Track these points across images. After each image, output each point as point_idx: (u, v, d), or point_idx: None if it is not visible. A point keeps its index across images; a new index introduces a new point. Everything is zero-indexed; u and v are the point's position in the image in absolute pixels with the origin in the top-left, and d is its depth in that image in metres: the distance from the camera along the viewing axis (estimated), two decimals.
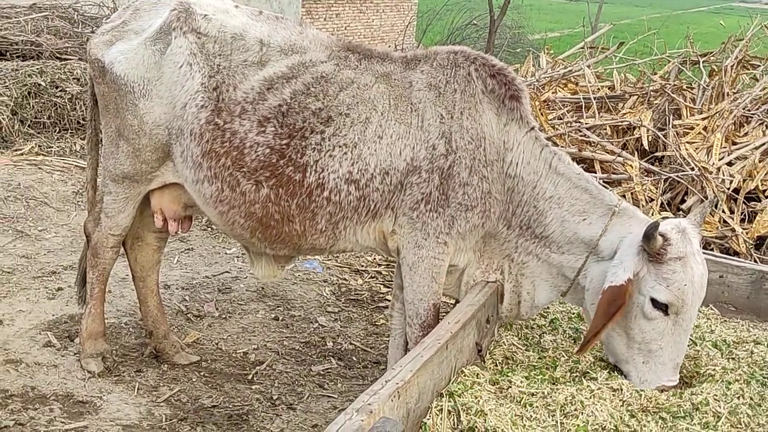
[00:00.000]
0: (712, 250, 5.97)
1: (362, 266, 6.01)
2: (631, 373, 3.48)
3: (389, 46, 21.08)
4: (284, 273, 4.20)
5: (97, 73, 3.94)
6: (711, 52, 7.73)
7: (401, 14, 25.86)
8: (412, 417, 2.97)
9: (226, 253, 5.94)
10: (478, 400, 3.14)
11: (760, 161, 6.35)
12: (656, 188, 6.28)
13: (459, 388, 3.21)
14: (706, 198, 6.12)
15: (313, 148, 3.67)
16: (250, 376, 4.36)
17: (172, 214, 4.13)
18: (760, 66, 7.51)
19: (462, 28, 19.98)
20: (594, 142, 6.74)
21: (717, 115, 6.68)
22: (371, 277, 5.87)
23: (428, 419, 3.06)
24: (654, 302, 3.38)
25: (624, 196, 6.25)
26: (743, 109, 6.78)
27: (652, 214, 5.99)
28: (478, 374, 3.36)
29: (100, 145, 4.27)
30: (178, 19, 3.79)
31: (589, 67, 7.54)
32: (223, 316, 5.02)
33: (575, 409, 3.15)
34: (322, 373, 4.49)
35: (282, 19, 3.98)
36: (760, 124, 6.80)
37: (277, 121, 3.69)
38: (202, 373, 4.33)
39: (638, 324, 3.43)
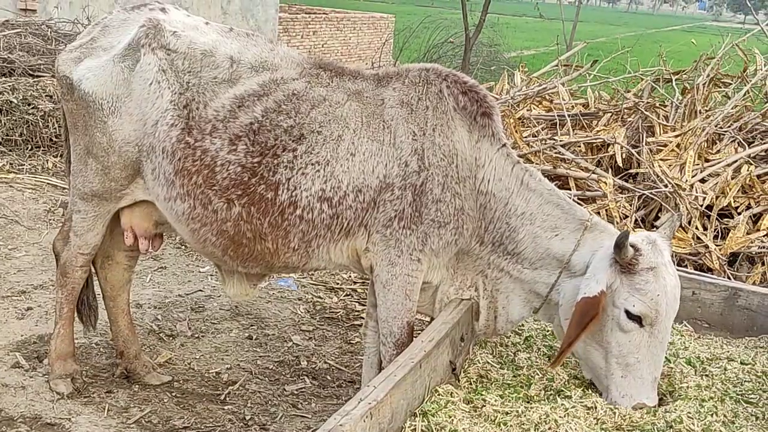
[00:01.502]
0: (685, 266, 5.99)
1: (337, 284, 5.98)
2: (610, 388, 3.46)
3: (366, 64, 21.14)
4: (256, 291, 4.16)
5: (66, 90, 3.90)
6: (683, 70, 7.80)
7: (378, 32, 25.96)
8: None
9: (199, 272, 5.88)
10: (452, 420, 3.11)
11: (732, 178, 6.39)
12: (630, 205, 6.30)
13: (433, 408, 3.18)
14: (683, 217, 6.15)
15: (285, 166, 3.65)
16: (222, 397, 4.30)
17: (143, 231, 4.08)
18: (731, 84, 7.59)
19: (438, 45, 20.06)
20: (568, 159, 6.76)
21: (690, 132, 6.73)
22: (346, 295, 5.83)
23: None
24: (628, 314, 3.37)
25: (598, 213, 6.27)
26: (715, 126, 6.83)
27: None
28: (452, 393, 3.34)
29: None
30: (146, 36, 3.76)
31: (563, 84, 7.57)
32: (196, 335, 4.96)
33: (549, 428, 3.12)
34: (295, 392, 4.44)
35: (253, 35, 3.97)
36: (732, 142, 6.85)
37: (249, 139, 3.66)
38: (173, 394, 4.27)
39: (615, 337, 3.41)
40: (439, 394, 3.31)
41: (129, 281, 4.36)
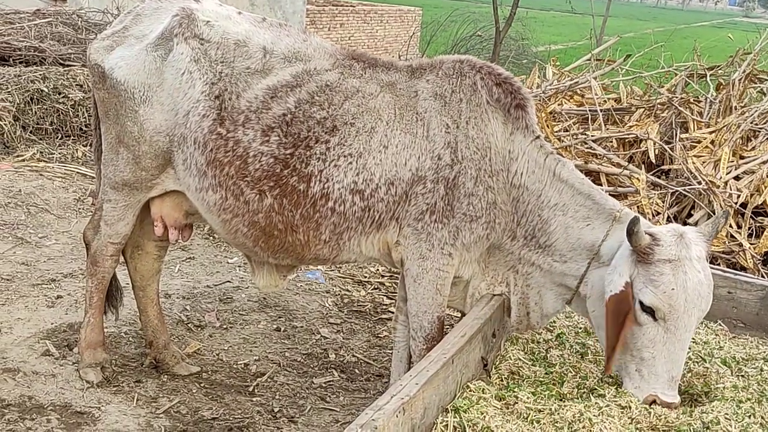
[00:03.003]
0: (719, 264, 5.90)
1: (365, 277, 5.95)
2: (624, 380, 3.41)
3: (393, 57, 21.06)
4: (286, 283, 4.13)
5: (97, 79, 3.89)
6: (718, 66, 7.67)
7: (405, 25, 25.88)
8: None
9: (227, 263, 5.88)
10: (484, 416, 3.07)
11: (767, 176, 6.28)
12: (663, 202, 6.22)
13: (465, 404, 3.14)
14: (713, 212, 6.05)
15: (317, 158, 3.62)
16: (251, 388, 4.28)
17: (173, 222, 4.07)
18: (767, 80, 7.46)
19: (466, 39, 19.96)
20: (600, 155, 6.68)
21: (724, 128, 6.62)
22: (374, 289, 5.80)
23: None
24: (642, 305, 3.29)
25: (630, 209, 6.19)
26: (751, 123, 6.72)
27: None
28: (483, 389, 3.29)
29: None
30: (180, 25, 3.74)
31: (595, 79, 7.48)
32: (224, 326, 4.95)
33: (583, 427, 3.07)
34: (323, 385, 4.42)
35: (285, 26, 3.94)
36: (767, 139, 6.74)
37: (281, 130, 3.64)
38: (202, 385, 4.26)
39: (630, 329, 3.33)
40: (470, 391, 3.27)
41: (158, 271, 4.35)
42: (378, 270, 6.07)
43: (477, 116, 3.64)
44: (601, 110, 7.10)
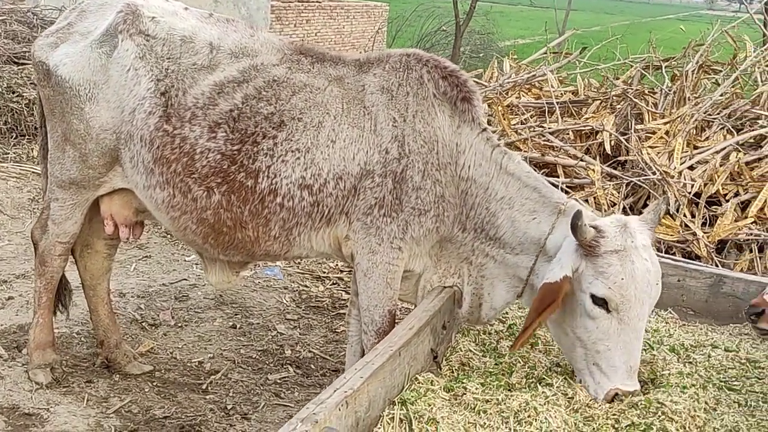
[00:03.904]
0: (674, 254, 5.96)
1: (324, 273, 5.94)
2: (584, 375, 3.41)
3: (360, 53, 21.02)
4: (239, 279, 4.13)
5: (42, 76, 3.85)
6: (673, 57, 7.75)
7: (372, 20, 25.83)
8: (361, 426, 2.91)
9: (184, 261, 5.85)
10: (431, 408, 3.07)
11: (720, 165, 6.36)
12: (618, 192, 6.27)
13: (412, 396, 3.14)
14: (668, 202, 6.12)
15: (265, 154, 3.61)
16: (204, 386, 4.27)
17: (123, 219, 4.05)
18: (721, 71, 7.55)
19: (431, 33, 19.99)
20: (557, 147, 6.73)
21: (678, 119, 6.69)
22: (333, 284, 5.80)
23: (379, 428, 2.99)
24: (593, 298, 3.29)
25: (587, 201, 6.25)
26: (704, 113, 6.79)
27: None
28: (432, 381, 3.30)
29: None
30: (124, 21, 3.72)
31: (552, 72, 7.53)
32: (179, 324, 4.93)
33: (529, 416, 3.09)
34: (279, 381, 4.42)
35: (233, 21, 3.92)
36: (721, 129, 6.82)
37: (228, 126, 3.62)
38: (154, 383, 4.24)
39: (584, 323, 3.34)
40: (419, 383, 3.27)
41: (109, 270, 4.32)
42: (337, 265, 6.07)
43: (424, 109, 3.65)
44: (558, 103, 7.15)
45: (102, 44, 3.75)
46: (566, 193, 6.26)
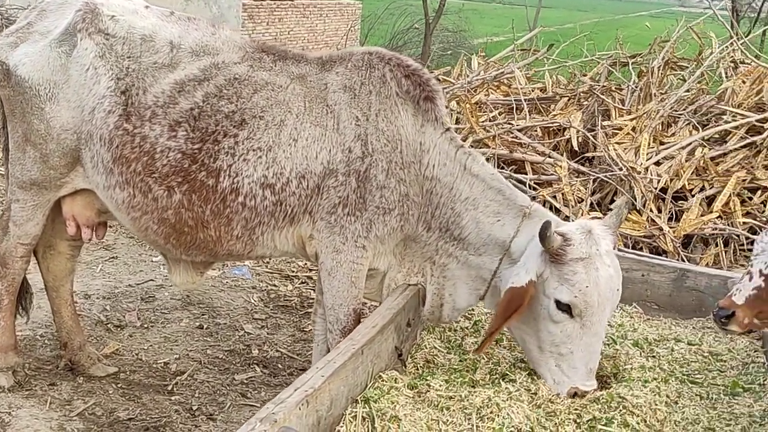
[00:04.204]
0: (641, 249, 6.01)
1: (293, 272, 5.93)
2: (545, 375, 3.44)
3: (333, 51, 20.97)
4: (203, 279, 4.11)
5: (2, 77, 3.81)
6: (639, 54, 7.81)
7: (345, 18, 25.78)
8: (323, 425, 2.91)
9: (151, 261, 5.81)
10: (395, 406, 3.08)
11: (686, 161, 6.42)
12: (585, 188, 6.32)
13: (375, 394, 3.15)
14: (635, 198, 6.17)
15: (226, 152, 3.60)
16: (169, 387, 4.25)
17: (85, 220, 4.01)
18: (687, 67, 7.62)
19: (404, 31, 20.00)
20: (525, 144, 6.76)
21: (644, 115, 6.74)
22: (302, 283, 5.79)
23: (342, 426, 2.99)
24: (558, 304, 3.33)
25: (554, 197, 6.29)
26: (670, 109, 6.85)
27: (582, 215, 6.02)
28: (396, 379, 3.31)
29: None
30: (83, 20, 3.69)
31: (519, 69, 7.56)
32: (145, 325, 4.90)
33: (491, 412, 3.10)
34: (245, 381, 4.40)
35: (194, 20, 3.90)
36: (687, 124, 6.89)
37: (189, 124, 3.61)
38: (119, 385, 4.21)
39: (547, 327, 3.38)
40: (382, 380, 3.28)
41: (72, 271, 4.28)
42: (306, 264, 6.06)
43: (387, 108, 3.65)
44: (526, 100, 7.18)
45: (61, 43, 3.72)
46: (534, 189, 6.31)
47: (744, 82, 7.15)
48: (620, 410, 3.20)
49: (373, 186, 3.60)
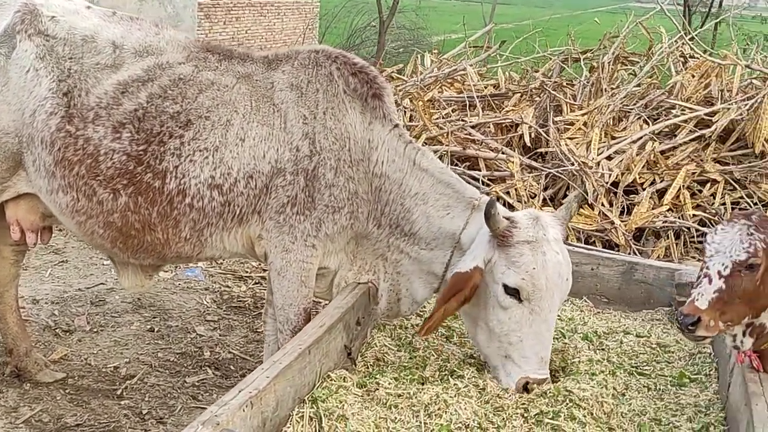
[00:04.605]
0: (593, 243, 6.07)
1: (246, 272, 5.90)
2: (496, 367, 3.45)
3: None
4: (152, 282, 4.06)
5: None
6: (591, 50, 7.88)
7: (302, 17, 25.64)
8: (269, 426, 2.89)
9: (103, 264, 5.73)
10: (342, 405, 3.07)
11: (637, 155, 6.49)
12: (538, 184, 6.36)
13: (323, 394, 3.14)
14: (586, 192, 6.23)
15: (172, 154, 3.56)
16: (119, 391, 4.20)
17: (30, 225, 3.94)
18: (638, 62, 7.70)
19: (361, 29, 19.99)
20: (478, 140, 6.79)
21: (596, 110, 6.81)
22: (255, 283, 5.76)
23: (288, 427, 2.98)
24: (506, 288, 3.34)
25: (508, 193, 6.32)
26: (621, 104, 6.92)
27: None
28: (345, 378, 3.30)
29: None
30: (22, 22, 3.63)
31: (472, 66, 7.59)
32: (95, 329, 4.84)
33: (439, 409, 3.11)
34: (196, 384, 4.37)
35: (137, 19, 3.86)
36: (637, 119, 6.96)
37: (133, 126, 3.56)
38: (67, 391, 4.16)
39: (496, 315, 3.40)
40: (331, 380, 3.27)
41: (17, 276, 4.21)
42: (260, 265, 6.01)
43: (334, 106, 3.64)
44: (479, 96, 7.21)
45: (0, 46, 3.65)
46: (487, 185, 6.34)
47: (693, 76, 7.24)
48: (567, 404, 3.22)
49: (321, 184, 3.59)
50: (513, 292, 3.35)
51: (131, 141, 3.56)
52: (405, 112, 6.92)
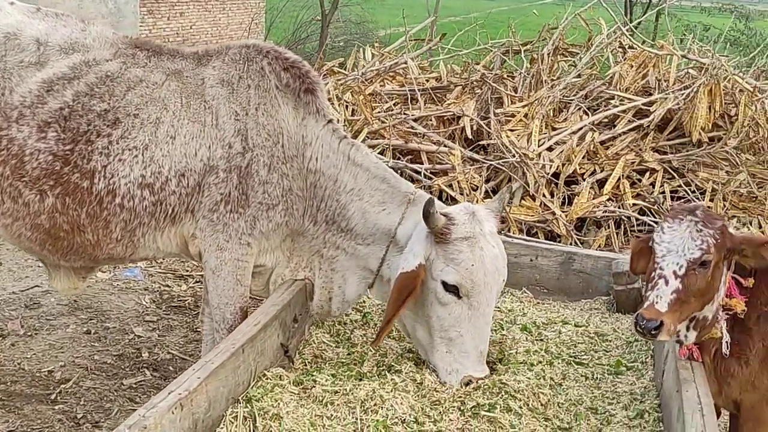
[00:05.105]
0: (535, 234, 6.11)
1: (187, 271, 5.81)
2: (437, 364, 3.44)
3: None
4: (86, 284, 3.98)
5: None
6: (531, 41, 7.93)
7: (248, 11, 25.40)
8: (201, 427, 2.85)
9: (38, 266, 5.59)
10: (277, 404, 3.05)
11: (577, 145, 6.55)
12: (480, 176, 6.38)
13: (258, 393, 3.11)
14: (527, 184, 6.27)
15: (100, 153, 3.48)
16: (53, 396, 4.10)
17: None
18: (578, 53, 7.77)
19: (307, 23, 19.89)
20: (420, 134, 6.79)
21: (536, 102, 6.85)
22: (196, 282, 5.68)
23: (221, 428, 2.94)
24: (445, 285, 3.34)
25: (450, 186, 6.34)
26: (561, 95, 6.98)
27: (477, 202, 6.08)
28: (281, 376, 3.27)
29: None
30: None
31: (413, 59, 7.59)
32: (29, 333, 4.72)
33: (375, 404, 3.10)
34: (134, 386, 4.29)
35: (62, 16, 3.76)
36: (577, 110, 7.03)
37: (59, 125, 3.48)
38: None
39: (435, 311, 3.39)
40: (267, 378, 3.24)
41: None
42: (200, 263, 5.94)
43: (267, 102, 3.60)
44: (420, 89, 7.21)
45: None
46: (430, 179, 6.34)
47: (631, 66, 7.33)
48: (503, 396, 3.24)
49: (255, 182, 3.55)
50: (452, 289, 3.35)
51: (57, 140, 3.47)
52: (347, 106, 6.89)
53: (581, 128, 6.72)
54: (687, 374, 3.02)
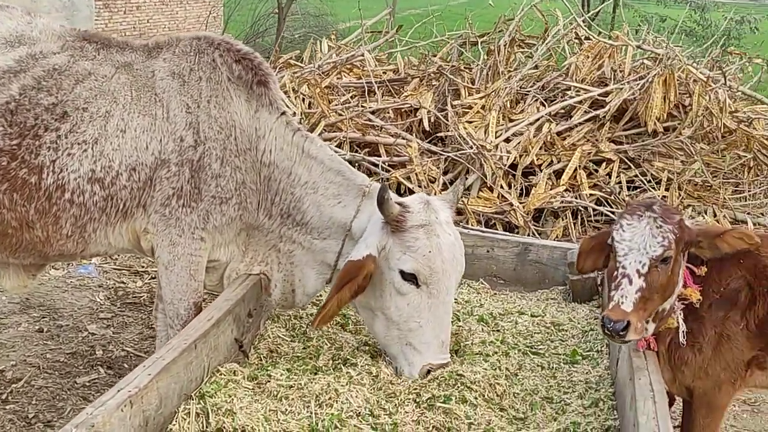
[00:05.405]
0: (493, 225, 6.14)
1: (142, 267, 5.74)
2: (397, 357, 3.43)
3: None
4: (36, 282, 3.90)
5: None
6: (488, 33, 7.94)
7: (206, 5, 25.16)
8: (152, 425, 2.80)
9: None
10: (231, 399, 3.01)
11: (534, 136, 6.58)
12: (438, 168, 6.38)
13: (212, 389, 3.07)
14: (485, 175, 6.28)
15: (48, 147, 3.41)
16: (4, 396, 4.02)
17: None
18: (534, 45, 7.80)
19: (265, 17, 19.74)
20: (378, 126, 6.77)
21: (493, 93, 6.87)
22: (152, 278, 5.61)
23: (174, 425, 2.90)
24: (403, 274, 3.33)
25: (408, 178, 6.33)
26: (518, 86, 7.00)
27: (434, 194, 6.08)
28: (235, 372, 3.24)
29: None
30: None
31: (370, 51, 7.56)
32: None
33: (330, 398, 3.08)
34: (87, 384, 4.22)
35: (7, 8, 3.68)
36: (534, 101, 7.06)
37: (5, 119, 3.40)
38: None
39: (394, 302, 3.38)
40: (220, 374, 3.20)
41: None
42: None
43: (218, 94, 3.56)
44: (377, 82, 7.19)
45: None
46: (387, 171, 6.33)
47: (587, 57, 7.38)
48: (458, 387, 3.23)
49: (207, 175, 3.51)
50: (410, 278, 3.34)
51: (3, 135, 3.39)
52: (303, 99, 6.84)
53: (538, 119, 6.76)
54: (640, 362, 3.04)
